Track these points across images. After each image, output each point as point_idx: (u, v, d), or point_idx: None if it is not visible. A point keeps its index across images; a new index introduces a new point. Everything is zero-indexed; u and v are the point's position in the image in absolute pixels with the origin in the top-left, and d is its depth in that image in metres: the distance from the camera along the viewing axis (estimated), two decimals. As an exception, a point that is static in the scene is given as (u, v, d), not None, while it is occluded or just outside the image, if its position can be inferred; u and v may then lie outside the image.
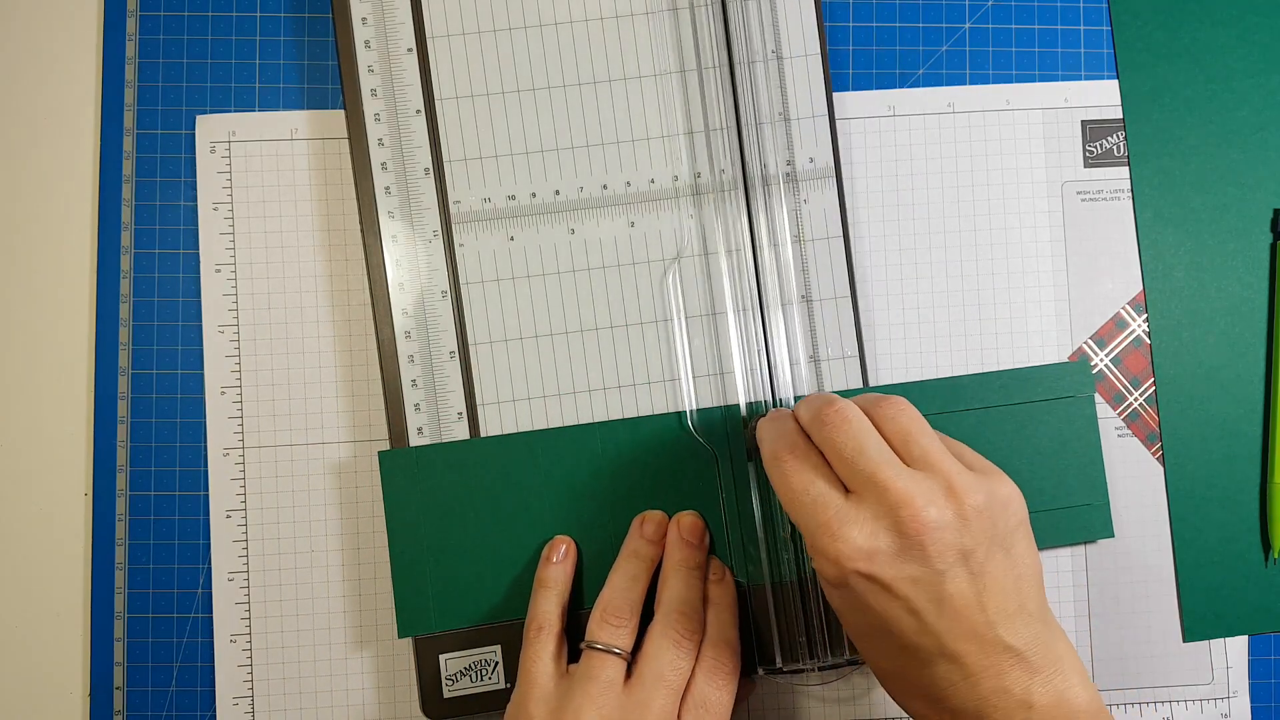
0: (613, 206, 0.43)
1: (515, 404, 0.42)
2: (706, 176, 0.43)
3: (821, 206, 0.43)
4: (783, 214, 0.43)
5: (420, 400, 0.42)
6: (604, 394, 0.43)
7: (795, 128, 0.43)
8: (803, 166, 0.43)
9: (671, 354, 0.43)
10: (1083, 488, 0.43)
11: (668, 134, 0.43)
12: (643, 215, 0.43)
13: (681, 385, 0.43)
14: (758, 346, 0.42)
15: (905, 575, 0.32)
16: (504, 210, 0.43)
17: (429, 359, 0.42)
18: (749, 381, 0.42)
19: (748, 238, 0.42)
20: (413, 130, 0.42)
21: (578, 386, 0.42)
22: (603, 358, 0.43)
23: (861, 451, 0.33)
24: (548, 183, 0.43)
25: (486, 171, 0.43)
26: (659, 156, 0.43)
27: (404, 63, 0.42)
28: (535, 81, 0.43)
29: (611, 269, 0.43)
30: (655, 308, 0.43)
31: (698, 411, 0.42)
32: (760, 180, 0.42)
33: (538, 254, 0.43)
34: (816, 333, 0.43)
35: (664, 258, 0.43)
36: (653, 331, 0.43)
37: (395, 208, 0.42)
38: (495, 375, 0.42)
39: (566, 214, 0.43)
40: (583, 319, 0.43)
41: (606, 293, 0.43)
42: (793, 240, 0.43)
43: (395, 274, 0.42)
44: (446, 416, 0.42)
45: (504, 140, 0.43)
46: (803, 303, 0.43)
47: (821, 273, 0.43)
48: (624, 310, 0.43)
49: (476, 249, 0.42)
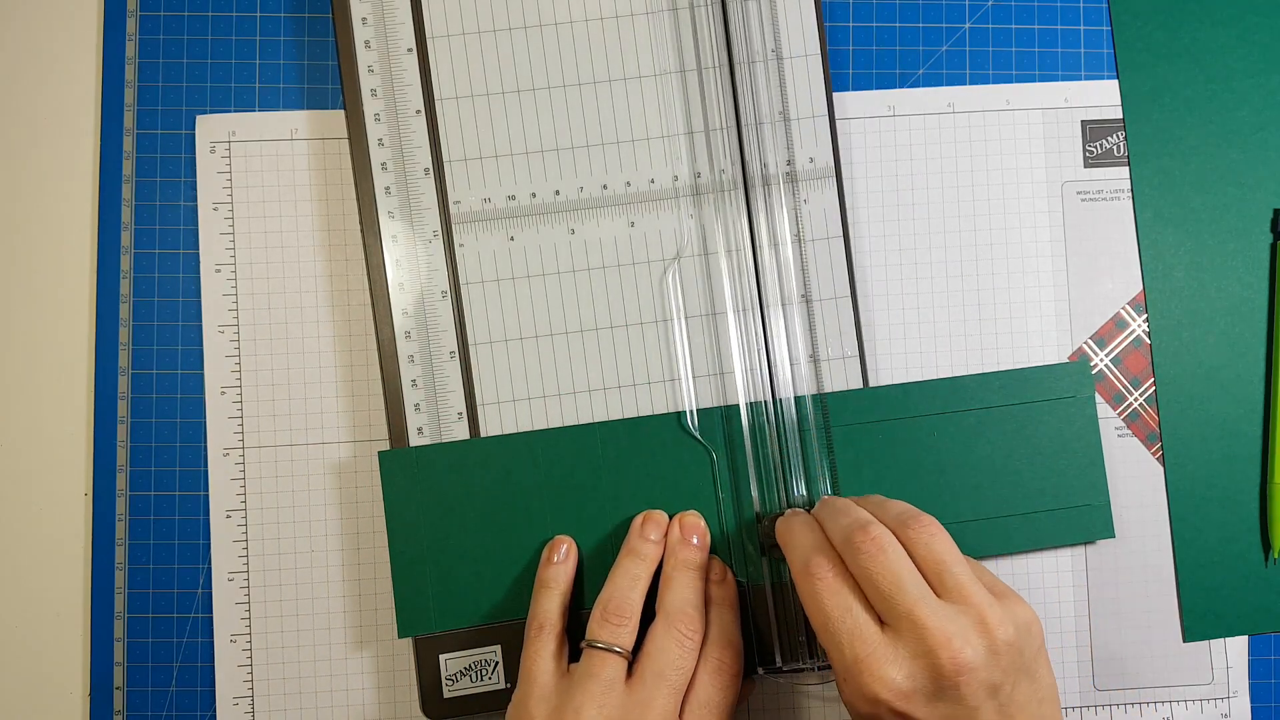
0: (613, 206, 0.43)
1: (515, 404, 0.42)
2: (706, 176, 0.43)
3: (821, 206, 0.43)
4: (783, 214, 0.43)
5: (420, 400, 0.42)
6: (604, 394, 0.43)
7: (795, 127, 0.43)
8: (803, 166, 0.43)
9: (671, 354, 0.43)
10: (1083, 488, 0.43)
11: (668, 134, 0.43)
12: (643, 215, 0.43)
13: (681, 385, 0.43)
14: (757, 346, 0.42)
15: (939, 714, 0.33)
16: (504, 210, 0.43)
17: (429, 359, 0.42)
18: (749, 381, 0.42)
19: (747, 237, 0.42)
20: (413, 130, 0.42)
21: (578, 386, 0.42)
22: (602, 358, 0.43)
23: (899, 586, 0.33)
24: (548, 183, 0.43)
25: (486, 172, 0.43)
26: (659, 156, 0.43)
27: (404, 63, 0.42)
28: (535, 81, 0.43)
29: (611, 269, 0.43)
30: (655, 308, 0.43)
31: (698, 412, 0.42)
32: (760, 180, 0.42)
33: (538, 254, 0.43)
34: (816, 332, 0.43)
35: (664, 258, 0.43)
36: (652, 331, 0.43)
37: (395, 208, 0.42)
38: (495, 375, 0.42)
39: (567, 214, 0.43)
40: (583, 319, 0.43)
41: (606, 293, 0.43)
42: (793, 240, 0.43)
43: (395, 274, 0.42)
44: (446, 417, 0.42)
45: (504, 140, 0.43)
46: (802, 303, 0.43)
47: (821, 273, 0.43)
48: (624, 310, 0.43)
49: (476, 249, 0.42)
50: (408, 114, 0.42)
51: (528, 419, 0.42)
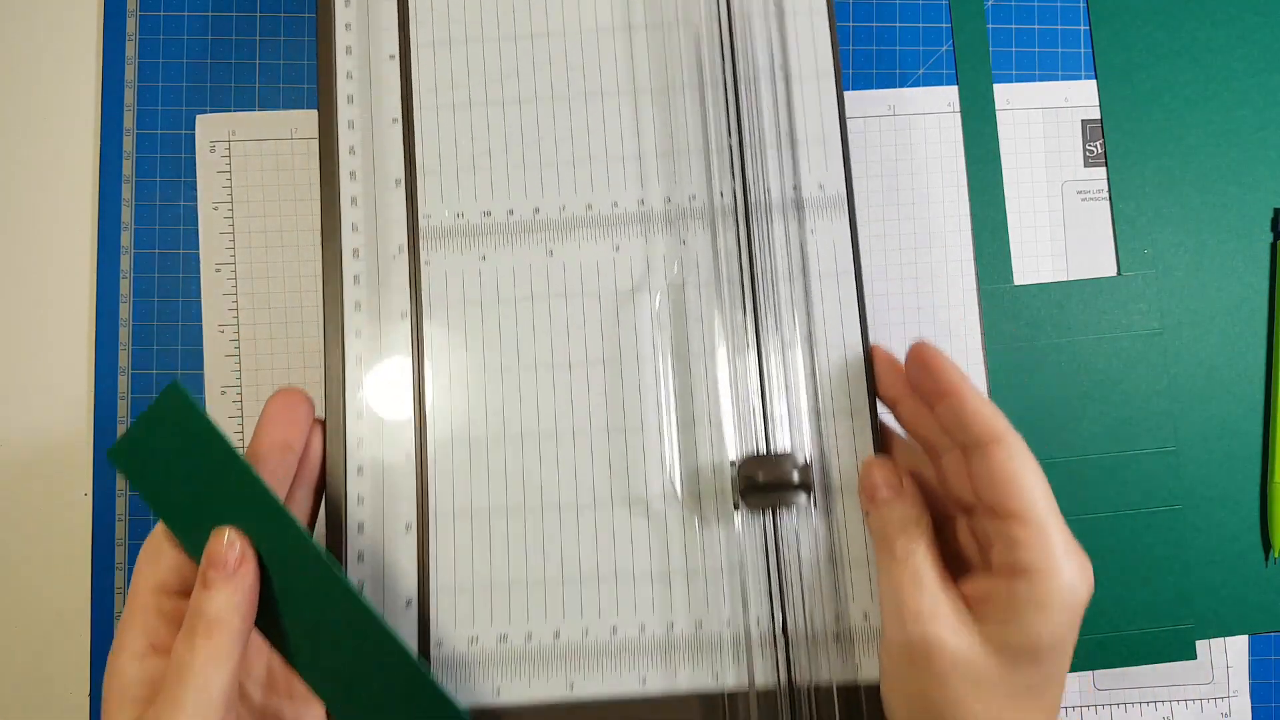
0: (597, 228, 0.40)
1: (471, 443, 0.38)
2: (703, 200, 0.39)
3: (830, 238, 0.39)
4: (786, 244, 0.39)
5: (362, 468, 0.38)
6: (570, 436, 0.39)
7: (804, 150, 0.39)
8: (810, 193, 0.39)
9: (656, 396, 0.38)
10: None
11: (661, 152, 0.40)
12: (629, 239, 0.39)
13: (663, 431, 0.38)
14: (753, 393, 0.38)
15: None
16: (478, 227, 0.40)
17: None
18: (741, 432, 0.38)
19: (747, 268, 0.38)
20: (388, 139, 0.40)
21: (560, 428, 0.39)
22: (573, 397, 0.39)
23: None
24: (528, 199, 0.40)
25: (463, 185, 0.40)
26: (651, 176, 0.40)
27: (385, 69, 0.40)
28: (523, 93, 0.40)
29: (591, 296, 0.39)
30: (638, 340, 0.39)
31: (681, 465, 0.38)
32: (763, 207, 0.39)
33: (510, 276, 0.39)
34: (819, 380, 0.38)
35: (650, 286, 0.39)
36: (633, 367, 0.38)
37: (360, 219, 0.39)
38: (451, 405, 0.38)
39: (546, 233, 0.40)
40: (554, 355, 0.39)
41: (584, 323, 0.39)
42: (798, 273, 0.38)
43: (352, 291, 0.39)
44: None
45: (484, 153, 0.40)
46: (806, 344, 0.38)
47: (829, 313, 0.38)
48: (601, 343, 0.39)
49: (444, 268, 0.39)
50: (384, 123, 0.40)
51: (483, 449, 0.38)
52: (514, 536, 0.38)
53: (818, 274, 0.38)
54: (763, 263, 0.38)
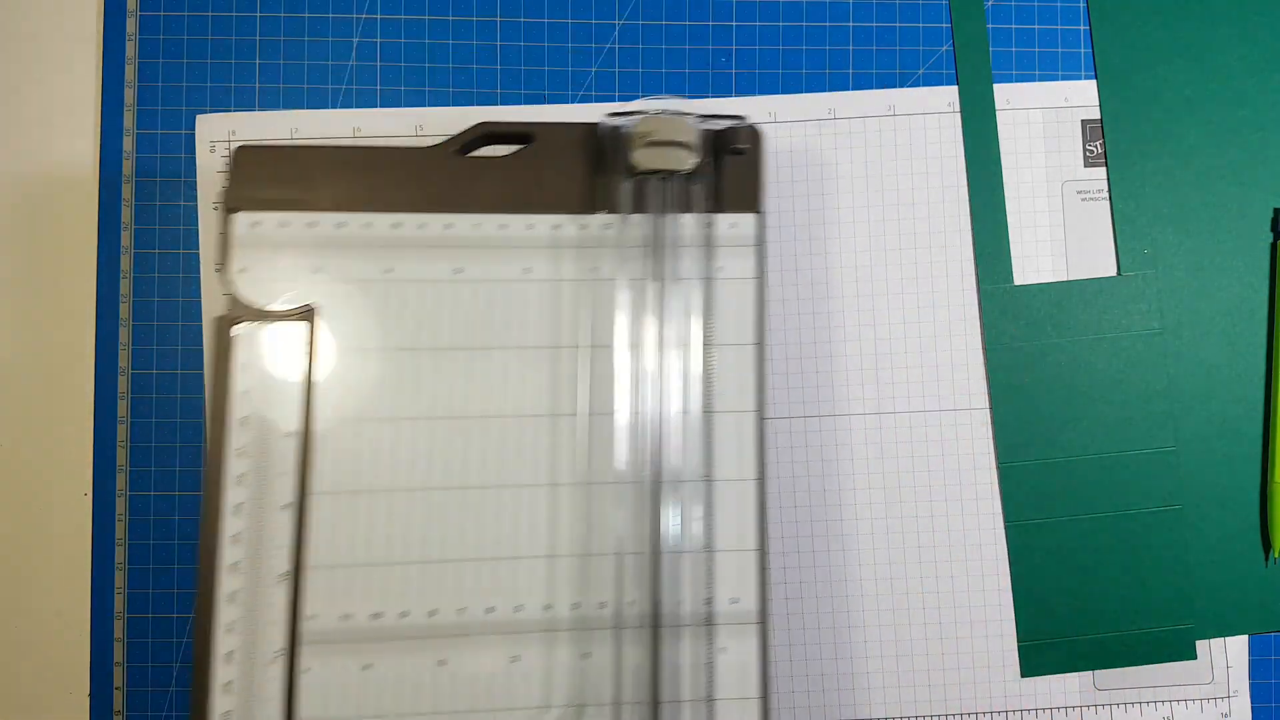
0: (495, 635, 0.37)
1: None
2: (611, 608, 0.37)
3: (740, 659, 0.36)
4: (698, 664, 0.36)
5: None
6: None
7: (720, 560, 0.37)
8: (723, 608, 0.37)
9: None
10: None
11: (570, 553, 0.37)
12: (529, 648, 0.37)
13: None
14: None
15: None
16: (365, 632, 0.36)
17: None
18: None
19: (649, 690, 0.36)
20: (277, 527, 0.37)
21: None
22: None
23: None
24: (423, 600, 0.37)
25: (354, 581, 0.37)
26: (561, 578, 0.37)
27: (282, 447, 0.37)
28: (428, 480, 0.38)
29: (484, 713, 0.36)
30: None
31: None
32: (673, 620, 0.36)
33: (395, 689, 0.36)
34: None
35: (550, 704, 0.36)
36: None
37: (237, 618, 0.36)
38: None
39: (439, 640, 0.37)
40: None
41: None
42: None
43: (221, 701, 0.36)
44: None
45: (381, 546, 0.37)
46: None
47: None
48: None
49: (324, 677, 0.36)
50: (273, 509, 0.37)
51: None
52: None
53: (722, 697, 0.36)
54: (664, 678, 0.36)
